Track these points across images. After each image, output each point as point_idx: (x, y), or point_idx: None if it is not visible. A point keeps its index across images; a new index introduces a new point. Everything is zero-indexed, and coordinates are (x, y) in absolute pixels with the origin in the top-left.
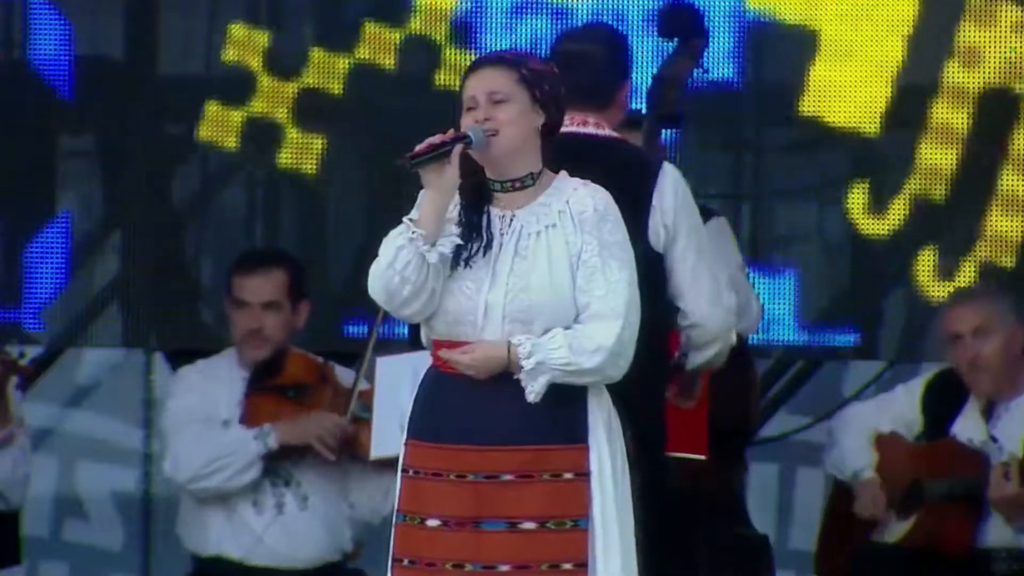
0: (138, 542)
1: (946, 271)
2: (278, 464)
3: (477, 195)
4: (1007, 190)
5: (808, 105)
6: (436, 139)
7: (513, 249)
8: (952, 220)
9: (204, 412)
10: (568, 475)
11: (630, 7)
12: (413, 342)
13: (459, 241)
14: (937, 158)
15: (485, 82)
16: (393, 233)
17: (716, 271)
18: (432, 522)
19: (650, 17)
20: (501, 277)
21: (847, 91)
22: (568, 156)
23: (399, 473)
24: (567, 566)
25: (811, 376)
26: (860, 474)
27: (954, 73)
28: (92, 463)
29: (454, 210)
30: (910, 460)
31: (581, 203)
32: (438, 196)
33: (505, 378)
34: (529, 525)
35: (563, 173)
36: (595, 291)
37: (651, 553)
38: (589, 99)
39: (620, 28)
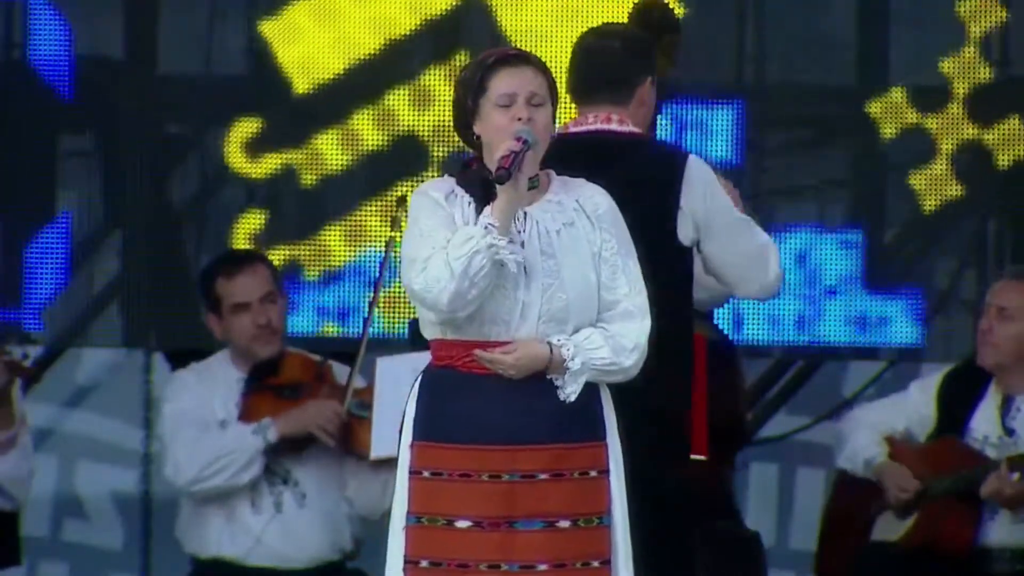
0: (138, 542)
1: None
2: (276, 461)
3: (487, 192)
4: None
5: None
6: (515, 147)
7: (538, 247)
8: None
9: (200, 414)
10: (593, 472)
11: None
12: (413, 342)
13: (523, 249)
14: None
15: (527, 82)
16: (458, 239)
17: (758, 247)
18: (462, 523)
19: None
20: (534, 276)
21: None
22: (592, 154)
23: (407, 475)
24: (596, 564)
25: (811, 376)
26: (873, 461)
27: None
28: (92, 463)
29: (469, 209)
30: (914, 461)
31: (592, 201)
32: (513, 203)
33: (534, 375)
34: (564, 523)
35: (553, 171)
36: (620, 289)
37: (652, 551)
38: (609, 94)
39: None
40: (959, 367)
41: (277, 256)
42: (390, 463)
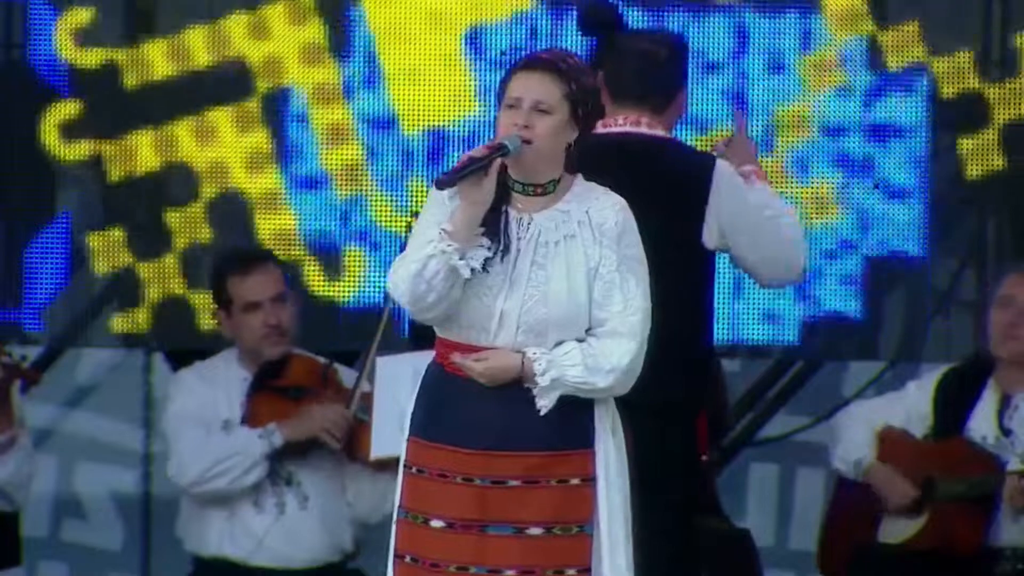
0: (138, 542)
1: None
2: (279, 462)
3: (498, 196)
4: None
5: None
6: (476, 152)
7: (531, 257)
8: None
9: (203, 415)
10: (575, 480)
11: None
12: (413, 342)
13: (489, 255)
14: None
15: (534, 88)
16: (422, 239)
17: (783, 245)
18: (436, 523)
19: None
20: (518, 286)
21: None
22: (620, 154)
23: (400, 469)
24: (571, 572)
25: (811, 376)
26: (862, 463)
27: None
28: (92, 463)
29: None
30: (918, 457)
31: (602, 214)
32: (474, 209)
33: (515, 383)
34: (536, 531)
35: (580, 177)
36: (612, 307)
37: (653, 551)
38: (648, 99)
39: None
40: (957, 367)
41: (81, 149)
42: (390, 467)
